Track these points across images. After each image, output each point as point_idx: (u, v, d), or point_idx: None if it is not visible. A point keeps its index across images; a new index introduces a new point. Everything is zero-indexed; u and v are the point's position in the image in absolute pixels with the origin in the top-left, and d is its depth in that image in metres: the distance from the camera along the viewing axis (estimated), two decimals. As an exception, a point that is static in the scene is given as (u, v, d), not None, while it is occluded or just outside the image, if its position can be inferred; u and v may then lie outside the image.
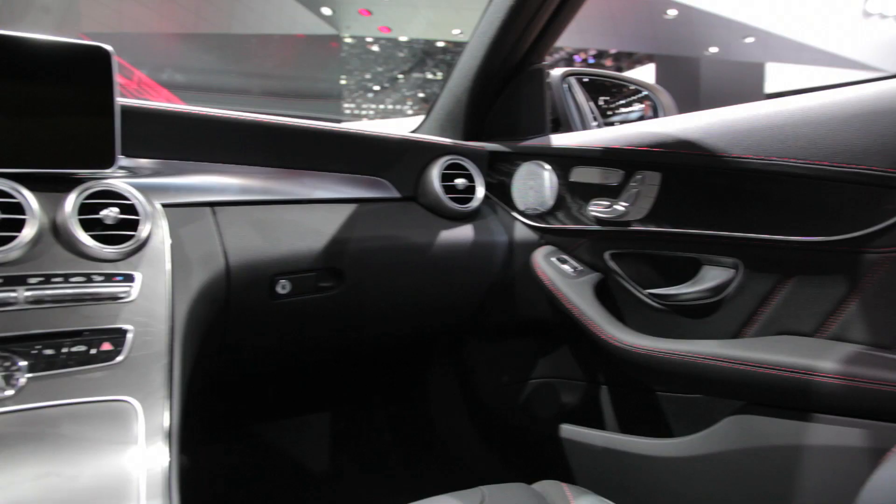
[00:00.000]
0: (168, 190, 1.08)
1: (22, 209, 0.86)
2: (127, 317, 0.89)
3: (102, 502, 0.80)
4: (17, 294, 0.84)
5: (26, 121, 0.92)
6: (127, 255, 0.92)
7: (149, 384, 0.88)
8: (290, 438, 1.80)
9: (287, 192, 1.22)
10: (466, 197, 1.40)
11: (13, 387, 0.80)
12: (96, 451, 0.83)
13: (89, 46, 0.95)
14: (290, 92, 10.99)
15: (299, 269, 1.16)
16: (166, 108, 1.08)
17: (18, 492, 0.77)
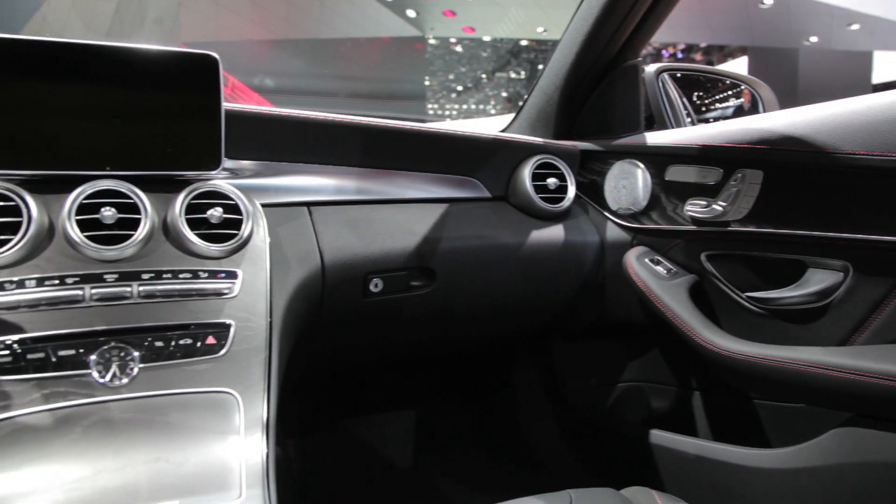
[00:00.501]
0: (267, 190, 1.13)
1: (137, 209, 0.92)
2: (230, 312, 0.93)
3: (206, 489, 0.85)
4: (132, 289, 0.89)
5: (140, 126, 0.98)
6: (230, 253, 0.96)
7: (249, 377, 0.91)
8: (376, 435, 1.84)
9: (380, 192, 1.25)
10: (558, 196, 1.38)
11: (128, 376, 0.86)
12: (201, 440, 0.87)
13: (197, 55, 1.00)
14: (376, 93, 11.20)
15: (392, 268, 1.18)
16: (267, 112, 1.12)
17: (131, 475, 0.83)
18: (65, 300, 0.85)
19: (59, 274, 0.86)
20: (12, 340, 0.82)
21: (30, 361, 0.82)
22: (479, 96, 16.14)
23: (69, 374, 0.83)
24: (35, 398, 0.81)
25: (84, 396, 0.83)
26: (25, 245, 0.85)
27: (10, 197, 0.87)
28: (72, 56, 0.93)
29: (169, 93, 0.98)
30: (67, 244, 0.89)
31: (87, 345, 0.85)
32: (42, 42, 0.91)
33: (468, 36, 15.26)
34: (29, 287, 0.85)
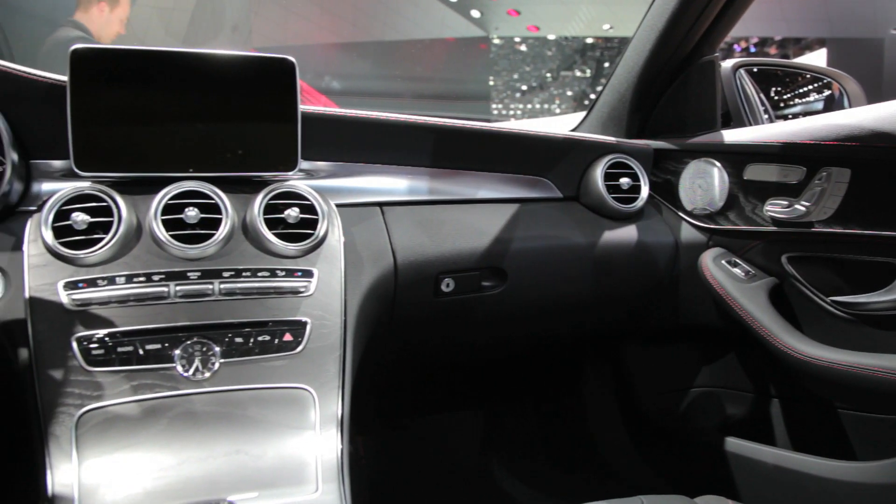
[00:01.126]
0: (342, 191, 1.15)
1: (218, 209, 0.95)
2: (306, 310, 0.95)
3: (284, 482, 0.87)
4: (213, 286, 0.92)
5: (221, 129, 1.01)
6: (306, 252, 0.99)
7: (324, 374, 0.93)
8: (443, 435, 1.85)
9: (451, 192, 1.25)
10: (630, 196, 1.36)
11: (209, 370, 0.89)
12: (278, 434, 0.90)
13: (275, 59, 1.02)
14: (441, 94, 11.26)
15: (463, 268, 1.19)
16: (342, 114, 1.14)
17: (213, 466, 0.86)
18: (151, 296, 0.89)
19: (146, 271, 0.90)
20: (104, 334, 0.86)
21: (119, 354, 0.86)
22: (544, 95, 16.01)
23: (155, 367, 0.87)
24: (124, 389, 0.86)
25: (169, 389, 0.87)
26: (116, 243, 0.89)
27: (102, 198, 0.91)
28: (158, 63, 0.97)
29: (248, 96, 1.01)
30: (154, 243, 0.92)
31: (172, 340, 0.88)
32: (130, 51, 0.96)
33: (533, 35, 15.14)
34: (119, 283, 0.89)
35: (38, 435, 0.84)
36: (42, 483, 0.81)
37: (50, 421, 0.83)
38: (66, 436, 0.83)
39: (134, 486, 0.82)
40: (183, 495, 0.82)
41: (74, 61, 0.94)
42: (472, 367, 1.84)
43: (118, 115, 0.96)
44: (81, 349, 0.85)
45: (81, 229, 0.88)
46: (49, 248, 0.88)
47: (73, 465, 0.82)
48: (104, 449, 0.84)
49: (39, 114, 0.97)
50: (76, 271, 0.89)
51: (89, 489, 0.81)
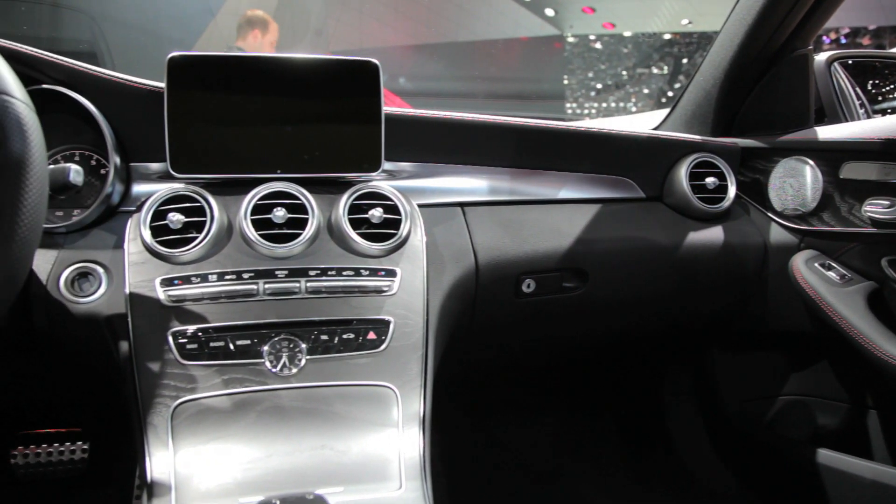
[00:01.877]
0: (423, 191, 1.16)
1: (305, 209, 0.98)
2: (389, 309, 0.97)
3: (368, 477, 0.89)
4: (300, 285, 0.95)
5: (308, 131, 1.04)
6: (389, 252, 1.00)
7: (407, 373, 0.95)
8: (520, 435, 1.84)
9: (532, 193, 1.24)
10: (717, 197, 1.31)
11: (296, 366, 0.91)
12: (362, 430, 0.92)
13: (359, 62, 1.04)
14: (514, 94, 11.21)
15: (544, 269, 1.18)
16: (424, 115, 1.16)
17: (300, 460, 0.88)
18: (241, 294, 0.93)
19: (236, 269, 0.94)
20: (198, 329, 0.90)
21: (211, 349, 0.90)
22: (619, 94, 15.68)
23: (245, 362, 0.90)
24: (216, 383, 0.89)
25: (258, 384, 0.90)
26: (208, 242, 0.93)
27: (196, 199, 0.95)
28: (248, 68, 1.01)
29: (334, 99, 1.04)
30: (243, 242, 0.96)
31: (261, 336, 0.91)
32: (222, 57, 1.00)
33: (608, 32, 14.86)
34: (211, 281, 0.93)
35: (137, 424, 0.88)
36: (141, 469, 0.85)
37: (148, 411, 0.87)
38: (163, 426, 0.87)
39: (225, 476, 0.85)
40: (271, 487, 0.84)
41: (171, 68, 0.98)
42: (550, 369, 1.82)
43: (211, 119, 1.00)
44: (177, 343, 0.89)
45: (177, 229, 0.93)
46: (147, 246, 0.93)
47: (170, 454, 0.86)
48: (197, 439, 0.87)
49: (139, 119, 1.03)
50: (172, 269, 0.93)
51: (184, 477, 0.84)
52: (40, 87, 0.96)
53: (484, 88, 11.19)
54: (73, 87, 0.99)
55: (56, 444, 1.58)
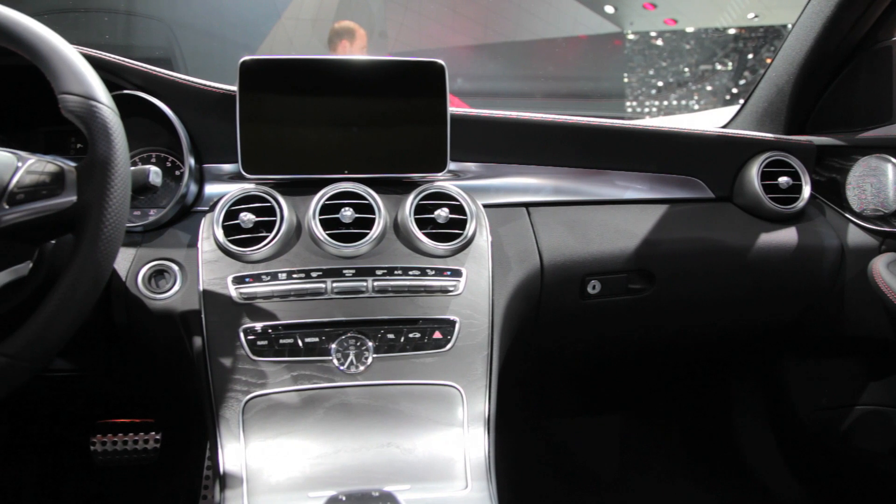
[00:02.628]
0: (488, 191, 1.16)
1: (372, 209, 0.99)
2: (455, 309, 0.97)
3: (434, 476, 0.89)
4: (367, 284, 0.96)
5: (375, 131, 1.05)
6: (455, 252, 1.00)
7: (472, 373, 0.95)
8: (582, 436, 1.81)
9: (598, 193, 1.22)
10: (790, 197, 1.26)
11: (363, 364, 0.93)
12: (428, 429, 0.92)
13: (425, 62, 1.05)
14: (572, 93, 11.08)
15: (610, 270, 1.16)
16: (489, 115, 1.15)
17: (366, 456, 0.89)
18: (310, 292, 0.95)
19: (305, 268, 0.96)
20: (268, 326, 0.93)
21: (281, 346, 0.92)
22: (681, 91, 15.29)
23: (313, 359, 0.92)
24: (285, 379, 0.91)
25: (326, 381, 0.92)
26: (278, 242, 0.95)
27: (266, 199, 0.98)
28: (317, 71, 1.03)
29: (400, 100, 1.05)
30: (312, 241, 0.98)
31: (329, 334, 0.93)
32: (292, 60, 1.02)
33: (670, 28, 14.51)
34: (281, 279, 0.95)
35: (210, 417, 0.91)
36: (214, 461, 0.88)
37: (221, 405, 0.90)
38: (235, 419, 0.89)
39: (294, 470, 0.87)
40: (339, 483, 0.86)
41: (243, 72, 1.01)
42: (613, 372, 1.80)
43: (281, 120, 1.02)
44: (248, 340, 0.92)
45: (248, 228, 0.95)
46: (220, 245, 0.96)
47: (241, 446, 0.88)
48: (267, 433, 0.90)
49: (212, 122, 1.06)
50: (243, 267, 0.96)
51: (255, 470, 0.87)
52: (122, 93, 1.00)
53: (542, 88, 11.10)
54: (152, 91, 1.03)
55: (131, 433, 1.64)
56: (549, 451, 1.79)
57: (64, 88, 0.73)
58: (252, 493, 0.85)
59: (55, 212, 0.73)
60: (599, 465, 1.77)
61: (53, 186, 0.73)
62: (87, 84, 0.75)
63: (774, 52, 1.42)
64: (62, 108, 0.74)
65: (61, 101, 0.73)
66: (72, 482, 1.68)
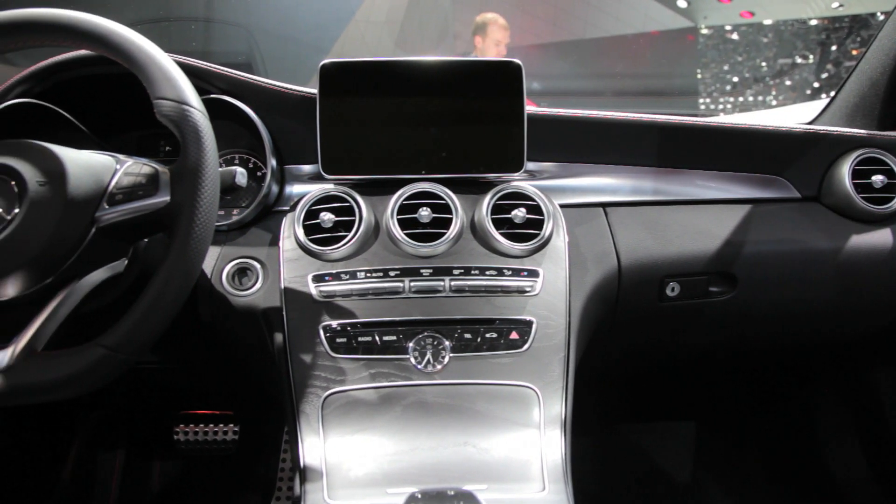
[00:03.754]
0: (565, 191, 1.15)
1: (449, 209, 1.00)
2: (531, 309, 0.96)
3: (510, 477, 0.89)
4: (444, 283, 0.97)
5: (452, 132, 1.06)
6: (532, 252, 1.00)
7: (548, 374, 0.94)
8: (656, 441, 1.77)
9: (677, 193, 1.19)
10: (885, 196, 1.19)
11: (440, 363, 0.93)
12: (504, 430, 0.92)
13: (502, 62, 1.05)
14: (643, 90, 10.85)
15: (690, 272, 1.13)
16: (565, 114, 1.14)
17: (443, 455, 0.90)
18: (388, 291, 0.96)
19: (383, 267, 0.97)
20: (347, 324, 0.94)
21: (359, 344, 0.94)
22: (758, 87, 14.72)
23: (391, 357, 0.93)
24: (363, 376, 0.93)
25: (403, 379, 0.93)
26: (357, 241, 0.97)
27: (345, 199, 1.00)
28: (396, 72, 1.04)
29: (477, 100, 1.05)
30: (389, 240, 0.99)
31: (406, 333, 0.94)
32: (371, 63, 1.04)
33: (746, 21, 13.99)
34: (359, 278, 0.97)
35: (290, 411, 0.93)
36: (295, 454, 0.91)
37: (301, 400, 0.92)
38: (315, 414, 0.91)
39: (372, 466, 0.89)
40: (416, 480, 0.87)
41: (323, 75, 1.03)
42: (691, 376, 1.75)
43: (360, 122, 1.04)
44: (327, 337, 0.94)
45: (328, 227, 0.97)
46: (301, 244, 0.98)
47: (321, 441, 0.90)
48: (346, 429, 0.91)
49: (293, 124, 1.09)
50: (322, 266, 0.98)
51: (334, 464, 0.89)
52: (209, 97, 1.04)
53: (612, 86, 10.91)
54: (236, 95, 1.07)
55: (211, 424, 1.71)
56: (622, 456, 1.76)
57: (159, 94, 0.77)
58: (331, 487, 0.87)
59: (150, 211, 0.76)
60: (674, 472, 1.73)
61: (149, 187, 0.76)
62: (180, 89, 0.78)
63: (864, 43, 1.34)
64: (157, 113, 0.77)
65: (156, 105, 0.77)
66: (157, 469, 1.76)
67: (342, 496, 0.86)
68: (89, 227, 0.75)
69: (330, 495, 0.86)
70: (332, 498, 0.85)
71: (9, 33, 0.81)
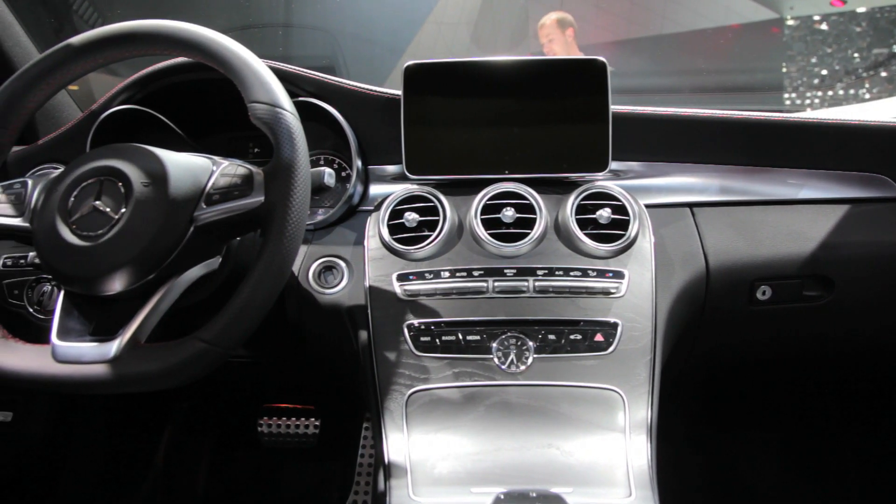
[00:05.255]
0: (650, 190, 1.12)
1: (533, 209, 0.99)
2: (616, 311, 0.95)
3: (595, 481, 0.87)
4: (528, 284, 0.96)
5: (536, 131, 1.05)
6: (617, 253, 0.98)
7: (634, 378, 0.92)
8: (743, 452, 1.71)
9: (768, 193, 1.14)
10: None
11: (524, 364, 0.93)
12: (588, 433, 0.91)
13: (586, 60, 1.04)
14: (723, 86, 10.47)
15: (782, 275, 1.08)
16: (651, 112, 1.12)
17: (526, 456, 0.89)
18: (472, 290, 0.96)
19: (467, 267, 0.98)
20: (431, 323, 0.95)
21: (443, 343, 0.94)
22: (849, 80, 13.98)
23: (475, 357, 0.94)
24: (447, 375, 0.93)
25: (486, 379, 0.93)
26: (441, 241, 0.98)
27: (429, 199, 1.01)
28: (479, 72, 1.04)
29: (561, 99, 1.04)
30: (473, 240, 1.00)
31: (490, 333, 0.94)
32: (454, 63, 1.04)
33: (837, 10, 13.32)
34: (443, 277, 0.97)
35: (374, 407, 0.95)
36: (379, 450, 0.92)
37: (385, 397, 0.94)
38: (399, 412, 0.93)
39: (455, 465, 0.89)
40: (500, 481, 0.87)
41: (407, 76, 1.05)
42: (780, 383, 1.68)
43: (443, 122, 1.05)
44: (411, 335, 0.95)
45: (412, 227, 0.98)
46: (385, 243, 1.00)
47: (405, 438, 0.91)
48: (429, 427, 0.92)
49: (377, 125, 1.11)
50: (407, 265, 0.99)
51: (418, 461, 0.90)
52: (297, 100, 1.07)
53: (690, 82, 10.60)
54: (324, 98, 1.09)
55: (293, 418, 1.76)
56: (708, 464, 1.70)
57: (253, 97, 0.80)
58: (416, 484, 0.88)
59: (245, 211, 0.79)
60: (760, 485, 1.66)
61: (244, 188, 0.79)
62: (274, 93, 0.81)
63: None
64: (251, 116, 0.80)
65: (251, 109, 0.80)
66: (241, 458, 1.83)
67: (426, 493, 0.87)
68: (188, 225, 0.79)
69: (415, 492, 0.87)
70: (417, 495, 0.86)
71: (116, 45, 0.86)
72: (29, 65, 0.87)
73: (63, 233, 0.77)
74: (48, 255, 0.78)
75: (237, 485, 1.80)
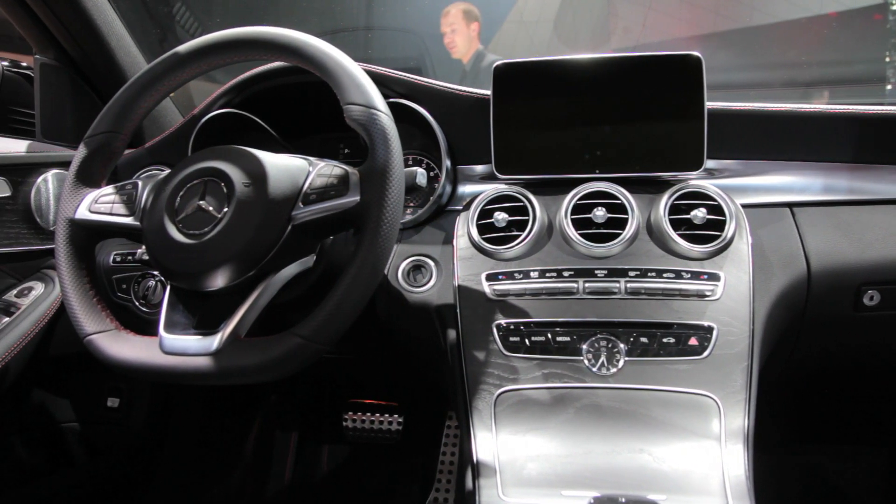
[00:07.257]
0: (747, 190, 1.08)
1: (624, 209, 0.97)
2: (712, 315, 0.92)
3: (690, 489, 0.85)
4: (619, 285, 0.95)
5: (627, 130, 1.03)
6: (712, 255, 0.95)
7: (730, 384, 0.89)
8: (842, 466, 1.62)
9: (877, 192, 1.08)
10: None
11: (615, 366, 0.91)
12: (681, 439, 0.88)
13: (680, 55, 1.01)
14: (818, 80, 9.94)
15: (893, 280, 1.02)
16: (749, 108, 1.08)
17: (618, 461, 0.88)
18: (562, 291, 0.95)
19: (556, 267, 0.97)
20: (520, 323, 0.95)
21: (533, 343, 0.94)
22: (960, 69, 12.96)
23: (565, 358, 0.93)
24: (536, 376, 0.93)
25: (576, 380, 0.92)
26: (530, 241, 0.97)
27: (519, 199, 1.00)
28: (569, 71, 1.03)
29: (653, 96, 1.02)
30: (563, 240, 0.98)
31: (580, 334, 0.93)
32: (544, 62, 1.03)
33: (947, -5, 12.40)
34: (533, 277, 0.97)
35: (462, 406, 0.95)
36: (468, 449, 0.92)
37: (474, 396, 0.94)
38: (487, 411, 0.93)
39: (545, 467, 0.88)
40: (591, 485, 0.85)
41: (496, 76, 1.05)
42: (885, 394, 1.58)
43: (533, 121, 1.04)
44: (500, 335, 0.95)
45: (501, 227, 0.98)
46: (474, 242, 1.00)
47: (493, 437, 0.91)
48: (518, 428, 0.92)
49: (466, 125, 1.11)
50: (496, 265, 0.99)
51: (506, 461, 0.89)
52: (388, 101, 1.09)
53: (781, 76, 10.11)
54: (414, 98, 1.11)
55: (378, 414, 1.79)
56: (805, 476, 1.62)
57: (348, 99, 0.81)
58: (505, 484, 0.87)
59: (340, 210, 0.81)
60: (864, 501, 1.57)
61: (340, 188, 0.81)
62: (369, 95, 0.82)
63: None
64: (346, 117, 0.82)
65: (346, 110, 0.81)
66: (326, 452, 1.88)
67: (516, 494, 0.86)
68: (286, 224, 0.81)
69: (504, 492, 0.87)
70: (507, 495, 0.86)
71: (220, 51, 0.89)
72: (140, 73, 0.92)
73: (170, 231, 0.81)
74: (157, 251, 0.82)
75: (323, 476, 1.85)
